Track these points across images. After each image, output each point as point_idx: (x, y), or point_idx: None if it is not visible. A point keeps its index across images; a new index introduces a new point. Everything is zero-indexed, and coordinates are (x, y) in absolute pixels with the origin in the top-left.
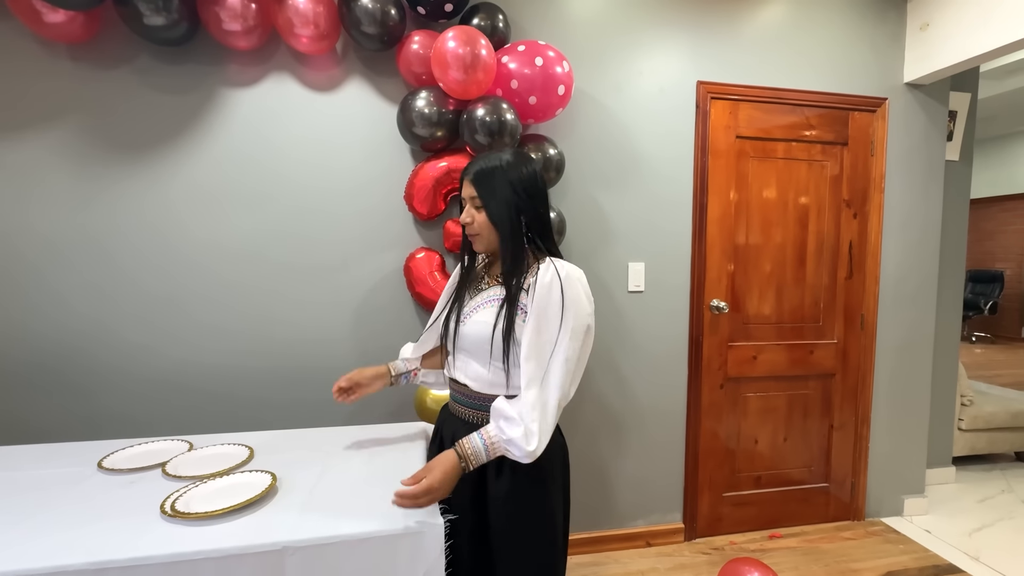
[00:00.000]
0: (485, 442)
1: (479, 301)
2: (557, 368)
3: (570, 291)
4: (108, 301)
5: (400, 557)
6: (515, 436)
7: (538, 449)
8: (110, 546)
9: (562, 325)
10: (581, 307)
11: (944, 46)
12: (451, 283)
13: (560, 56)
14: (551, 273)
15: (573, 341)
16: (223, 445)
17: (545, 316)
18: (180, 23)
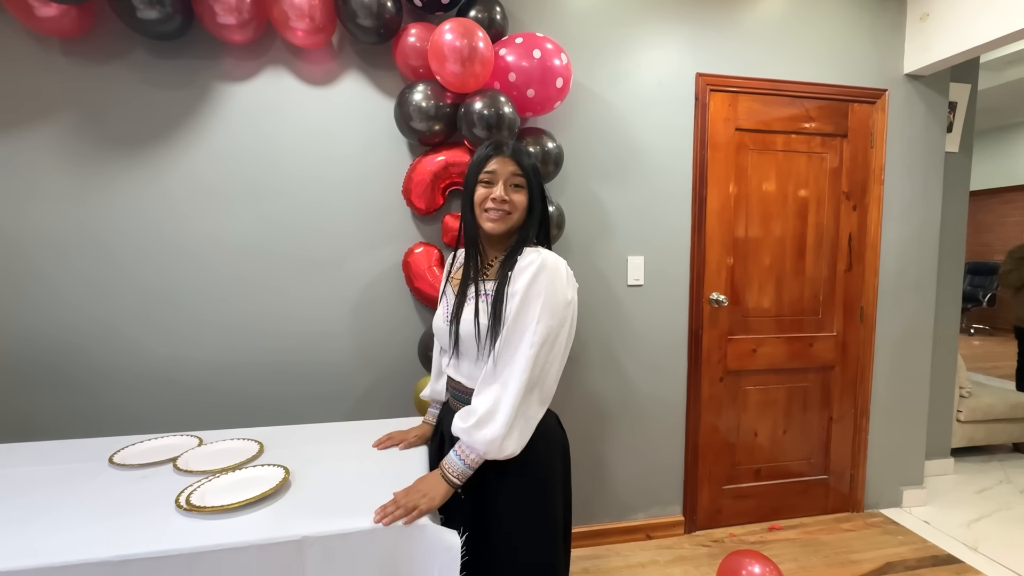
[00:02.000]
0: (463, 459)
1: (467, 296)
2: (523, 356)
3: (544, 276)
4: (107, 297)
5: (417, 550)
6: (486, 451)
7: (515, 447)
8: (130, 540)
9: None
10: (556, 294)
11: (944, 36)
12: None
13: (558, 48)
14: (529, 259)
15: (541, 324)
16: (232, 440)
17: (521, 302)
18: (174, 17)
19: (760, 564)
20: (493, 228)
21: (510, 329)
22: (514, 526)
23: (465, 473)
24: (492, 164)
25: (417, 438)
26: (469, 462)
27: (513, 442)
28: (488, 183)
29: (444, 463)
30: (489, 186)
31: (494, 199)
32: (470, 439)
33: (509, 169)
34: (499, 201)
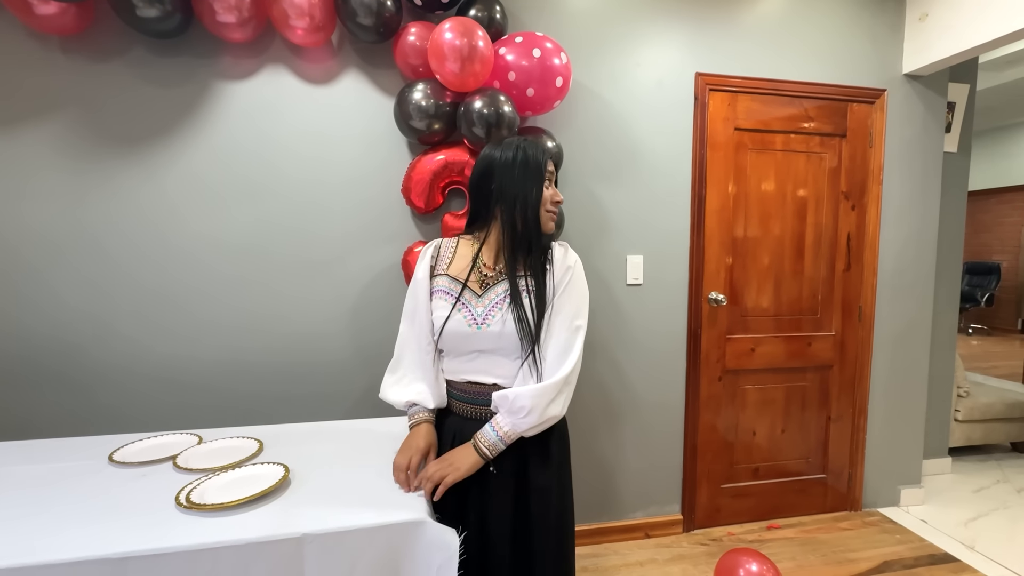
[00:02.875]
0: (497, 432)
1: (494, 298)
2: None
3: (579, 267)
4: (103, 296)
5: (417, 547)
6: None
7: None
8: (130, 538)
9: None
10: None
11: (943, 37)
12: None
13: (558, 48)
14: (563, 253)
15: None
16: (232, 439)
17: (567, 289)
18: (173, 15)
19: (757, 562)
20: (553, 227)
21: (565, 315)
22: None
23: (497, 446)
24: (550, 166)
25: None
26: (503, 435)
27: (563, 408)
28: (548, 184)
29: (478, 435)
30: (550, 187)
31: (556, 200)
32: (547, 415)
33: (555, 173)
34: (559, 202)
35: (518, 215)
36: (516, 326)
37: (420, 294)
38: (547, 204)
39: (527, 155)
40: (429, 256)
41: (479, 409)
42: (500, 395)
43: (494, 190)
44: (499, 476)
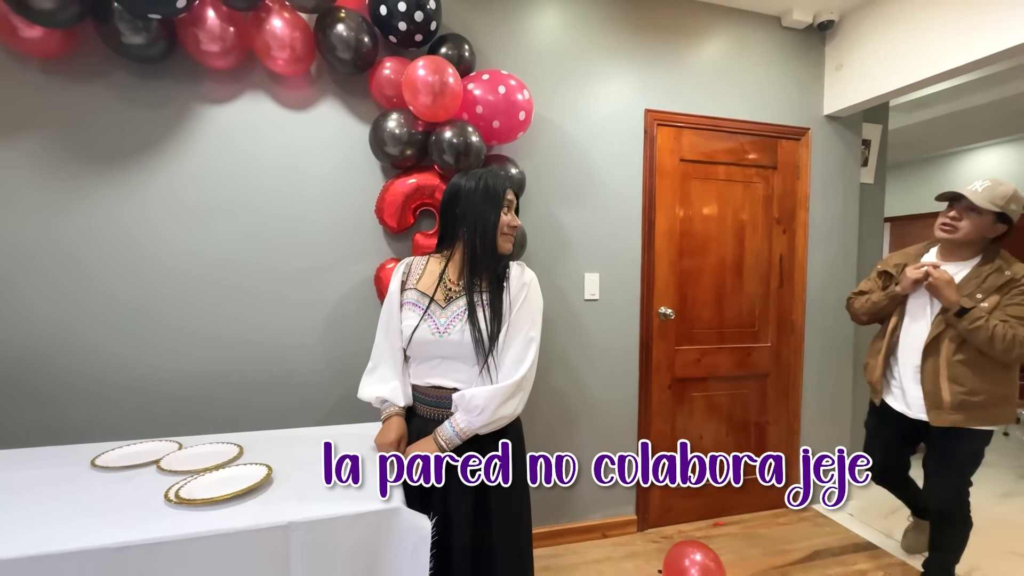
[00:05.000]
0: (455, 428)
1: (456, 311)
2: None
3: (535, 284)
4: (76, 307)
5: (393, 532)
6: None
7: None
8: (125, 530)
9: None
10: (540, 300)
11: (855, 85)
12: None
13: (521, 85)
14: (519, 271)
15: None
16: (212, 444)
17: (523, 304)
18: (158, 42)
19: (702, 553)
20: (510, 248)
21: (520, 327)
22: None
23: (453, 440)
24: (509, 195)
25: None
26: (459, 431)
27: (515, 410)
28: (507, 211)
29: (438, 430)
30: (508, 213)
31: (512, 225)
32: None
33: (515, 201)
34: (515, 227)
35: (477, 237)
36: (472, 336)
37: (393, 306)
38: (504, 228)
39: (488, 184)
40: (401, 272)
41: (441, 411)
42: (458, 395)
43: (458, 214)
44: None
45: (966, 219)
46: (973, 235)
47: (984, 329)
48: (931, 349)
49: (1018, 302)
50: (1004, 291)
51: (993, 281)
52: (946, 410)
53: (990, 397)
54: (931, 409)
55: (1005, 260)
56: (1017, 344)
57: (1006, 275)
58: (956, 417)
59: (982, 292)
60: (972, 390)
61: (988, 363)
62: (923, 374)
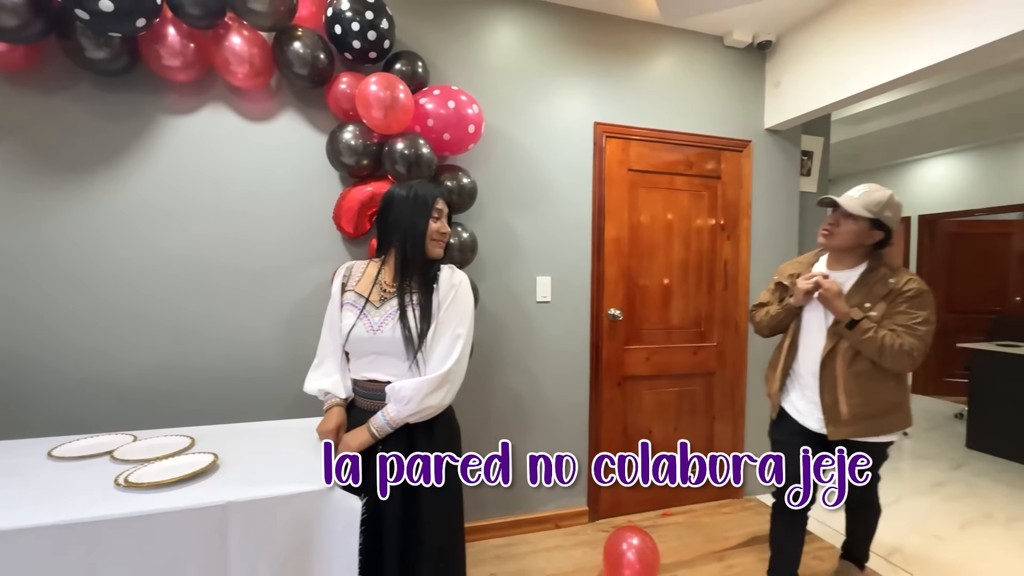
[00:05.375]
0: (387, 418)
1: (389, 310)
2: (460, 343)
3: (465, 286)
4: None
5: (326, 511)
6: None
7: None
8: (73, 511)
9: (462, 312)
10: (470, 301)
11: (792, 100)
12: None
13: (471, 100)
14: (456, 275)
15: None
16: (166, 436)
17: (451, 305)
18: (121, 57)
19: (639, 537)
20: (440, 253)
21: (447, 325)
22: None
23: (384, 429)
24: (439, 204)
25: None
26: (389, 420)
27: (442, 400)
28: (437, 218)
29: (371, 420)
30: (438, 220)
31: (442, 232)
32: (423, 404)
33: (447, 209)
34: (445, 233)
35: (408, 243)
36: (402, 334)
37: (334, 306)
38: (434, 235)
39: (418, 194)
40: (341, 275)
41: (377, 403)
42: (389, 387)
43: (391, 222)
44: (393, 440)
45: (843, 225)
46: (851, 241)
47: (874, 340)
48: (827, 362)
49: (903, 310)
50: (890, 299)
51: (879, 290)
52: (843, 423)
53: (885, 407)
54: (829, 423)
55: (889, 268)
56: (905, 354)
57: (890, 283)
58: (852, 429)
59: (870, 301)
60: (867, 401)
61: (881, 373)
62: (821, 387)
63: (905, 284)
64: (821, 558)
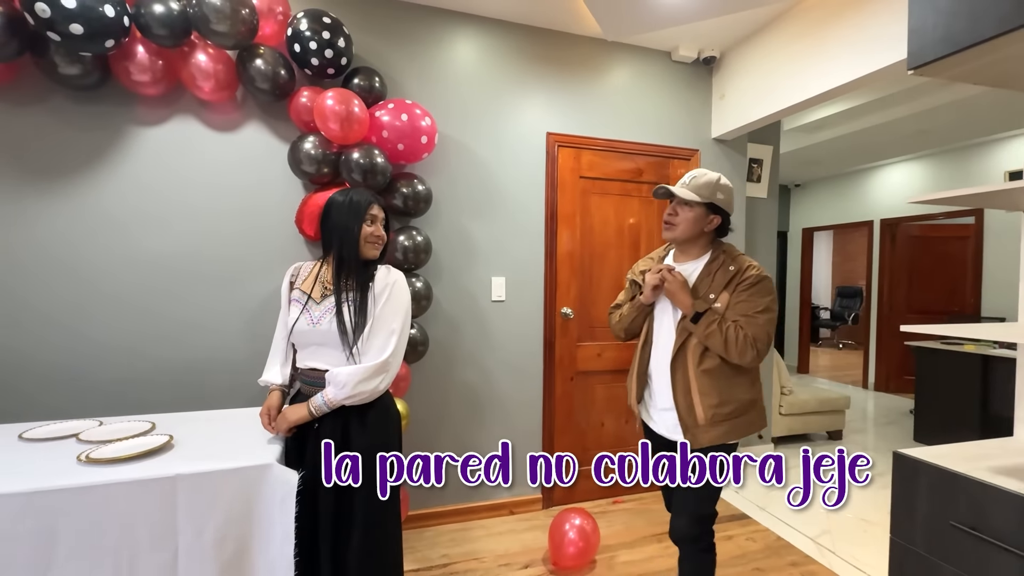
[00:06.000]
0: (325, 400)
1: (328, 305)
2: (395, 337)
3: (401, 284)
4: (23, 305)
5: (265, 484)
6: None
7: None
8: (36, 482)
9: (398, 307)
10: (405, 298)
11: (735, 112)
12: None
13: (425, 113)
14: (392, 275)
15: (401, 316)
16: (130, 421)
17: (387, 302)
18: (93, 73)
19: (581, 517)
20: (375, 255)
21: (383, 321)
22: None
23: (321, 408)
24: (373, 209)
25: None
26: (327, 400)
27: (375, 388)
28: (371, 223)
29: (311, 399)
30: (372, 225)
31: (376, 235)
32: (357, 389)
33: (382, 214)
34: (379, 236)
35: (343, 245)
36: (337, 327)
37: (283, 303)
38: (369, 237)
39: (353, 200)
40: (290, 274)
41: (318, 389)
42: (329, 373)
43: (330, 226)
44: (321, 432)
45: (681, 214)
46: (691, 230)
47: (718, 333)
48: (678, 361)
49: (745, 298)
50: (731, 287)
51: (721, 278)
52: (702, 428)
53: (742, 406)
54: (687, 430)
55: (728, 254)
56: (750, 345)
57: (730, 270)
58: (713, 433)
59: (714, 291)
60: (722, 401)
61: (732, 370)
62: (674, 389)
63: (746, 271)
64: (754, 539)
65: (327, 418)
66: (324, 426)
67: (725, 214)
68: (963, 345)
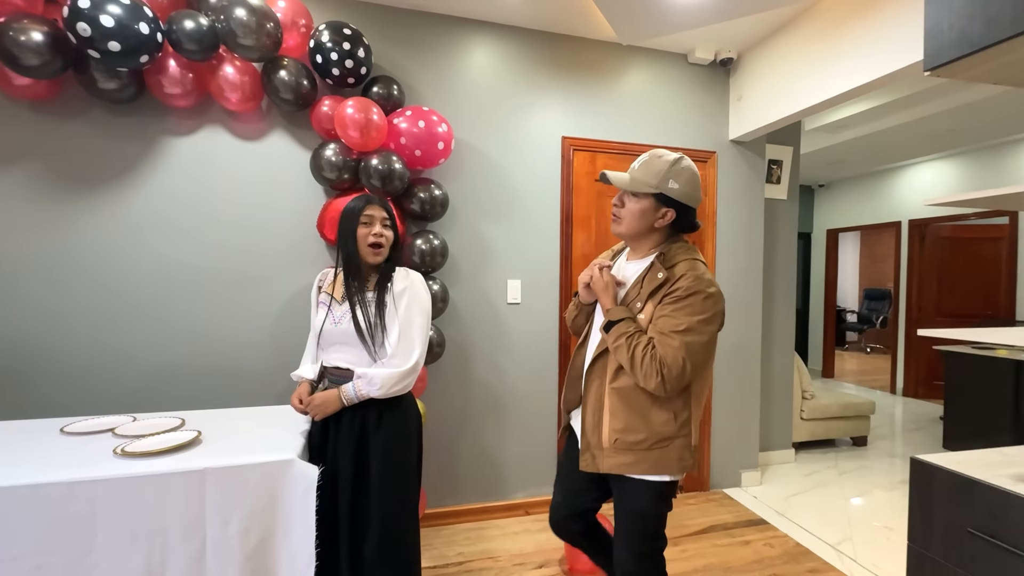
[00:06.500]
0: (356, 391)
1: (347, 307)
2: (418, 339)
3: (417, 287)
4: (67, 306)
5: (287, 478)
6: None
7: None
8: (76, 473)
9: (421, 309)
10: (425, 298)
11: (753, 114)
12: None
13: (441, 119)
14: (410, 276)
15: (423, 319)
16: (161, 417)
17: (409, 303)
18: (129, 87)
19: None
20: (377, 256)
21: (408, 324)
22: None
23: (352, 400)
24: (369, 210)
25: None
26: (358, 393)
27: (410, 386)
28: (366, 224)
29: (342, 388)
30: (368, 226)
31: (375, 234)
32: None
33: (381, 214)
34: (378, 235)
35: (343, 248)
36: (354, 327)
37: (312, 305)
38: (366, 239)
39: (352, 206)
40: (318, 280)
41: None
42: (365, 373)
43: (337, 232)
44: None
45: (627, 205)
46: (637, 225)
47: (624, 348)
48: (594, 372)
49: (668, 313)
50: (656, 297)
51: (648, 286)
52: (606, 452)
53: (652, 438)
54: (585, 450)
55: (668, 257)
56: (655, 370)
57: (659, 277)
58: (615, 461)
59: (641, 300)
60: (628, 427)
61: (645, 394)
62: (584, 403)
63: (677, 280)
64: (772, 545)
65: (354, 407)
66: (348, 415)
67: (682, 207)
68: (995, 350)
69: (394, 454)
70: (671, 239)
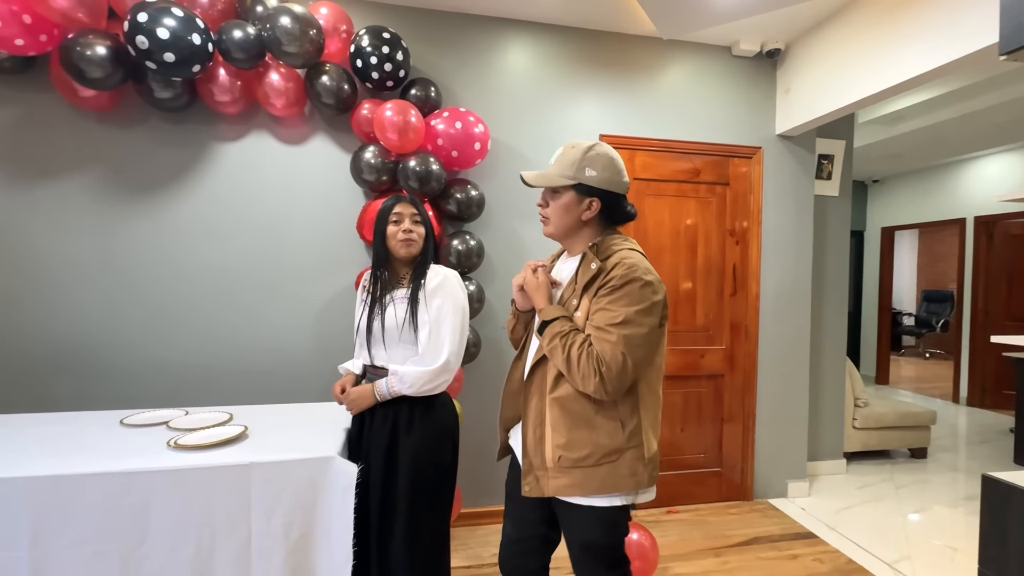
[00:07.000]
0: (389, 388)
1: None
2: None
3: (454, 282)
4: (117, 308)
5: (328, 474)
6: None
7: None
8: (133, 463)
9: (454, 306)
10: (458, 295)
11: (801, 107)
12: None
13: (478, 120)
14: (442, 273)
15: (456, 316)
16: (210, 412)
17: (442, 300)
18: (182, 96)
19: (637, 531)
20: (407, 252)
21: (438, 322)
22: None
23: (385, 396)
24: (399, 208)
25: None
26: (391, 390)
27: (435, 388)
28: (396, 222)
29: (376, 383)
30: (397, 224)
31: (406, 231)
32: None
33: (410, 210)
34: (408, 231)
35: (378, 248)
36: (385, 324)
37: (357, 303)
38: (396, 236)
39: (382, 206)
40: (364, 278)
41: None
42: (396, 369)
43: (373, 232)
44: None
45: (551, 203)
46: (564, 221)
47: (559, 349)
48: (533, 384)
49: (603, 305)
50: (591, 291)
51: (582, 278)
52: (550, 472)
53: (597, 452)
54: (527, 472)
55: (598, 248)
56: (592, 369)
57: (591, 268)
58: (561, 482)
59: (576, 296)
60: (570, 441)
61: (592, 404)
62: (525, 421)
63: (611, 270)
64: (822, 560)
65: (386, 405)
66: (382, 413)
67: (606, 194)
68: None
69: (424, 455)
70: (606, 232)
